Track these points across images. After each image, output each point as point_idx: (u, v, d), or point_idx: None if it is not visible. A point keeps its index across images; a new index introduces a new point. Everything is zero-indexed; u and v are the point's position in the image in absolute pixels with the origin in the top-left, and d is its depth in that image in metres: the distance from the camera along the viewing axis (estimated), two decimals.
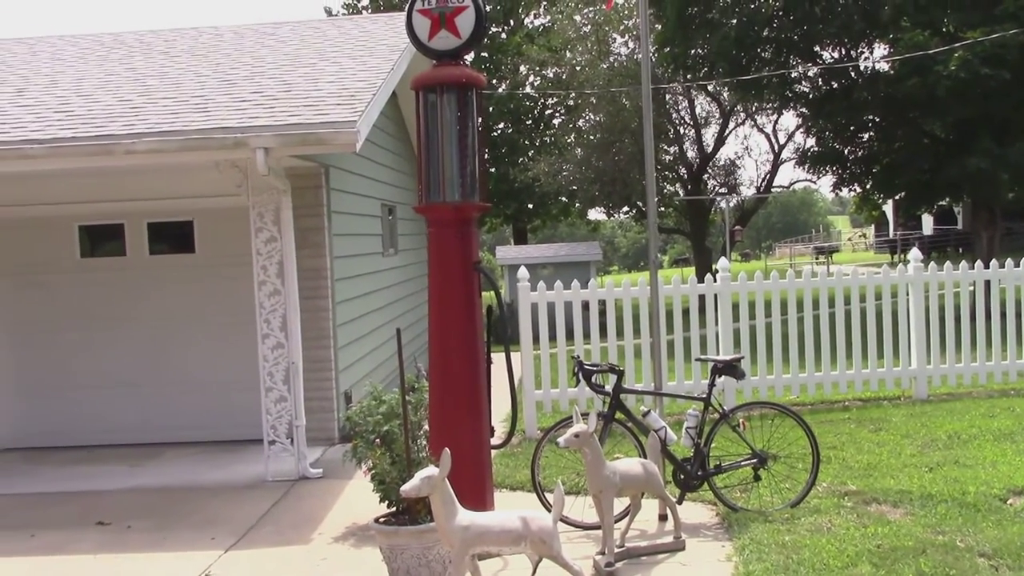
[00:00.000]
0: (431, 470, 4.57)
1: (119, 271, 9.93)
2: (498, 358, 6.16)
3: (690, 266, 37.95)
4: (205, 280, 9.81)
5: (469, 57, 6.61)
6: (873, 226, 63.89)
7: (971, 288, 10.38)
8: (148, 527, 7.02)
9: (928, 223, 50.49)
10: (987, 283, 10.46)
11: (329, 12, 36.22)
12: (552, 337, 9.74)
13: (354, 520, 6.85)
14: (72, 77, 9.91)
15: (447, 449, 4.60)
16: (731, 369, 6.48)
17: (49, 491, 8.25)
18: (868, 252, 61.57)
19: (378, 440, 5.86)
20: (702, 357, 7.61)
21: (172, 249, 9.92)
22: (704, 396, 6.48)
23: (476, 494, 5.45)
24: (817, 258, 52.99)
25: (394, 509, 5.61)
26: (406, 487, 4.56)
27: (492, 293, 6.95)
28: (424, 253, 16.02)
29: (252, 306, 8.79)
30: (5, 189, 9.33)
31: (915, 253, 10.38)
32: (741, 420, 6.53)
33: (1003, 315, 10.47)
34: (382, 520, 5.46)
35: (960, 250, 41.12)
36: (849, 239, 74.03)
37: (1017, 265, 10.28)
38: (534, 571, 4.87)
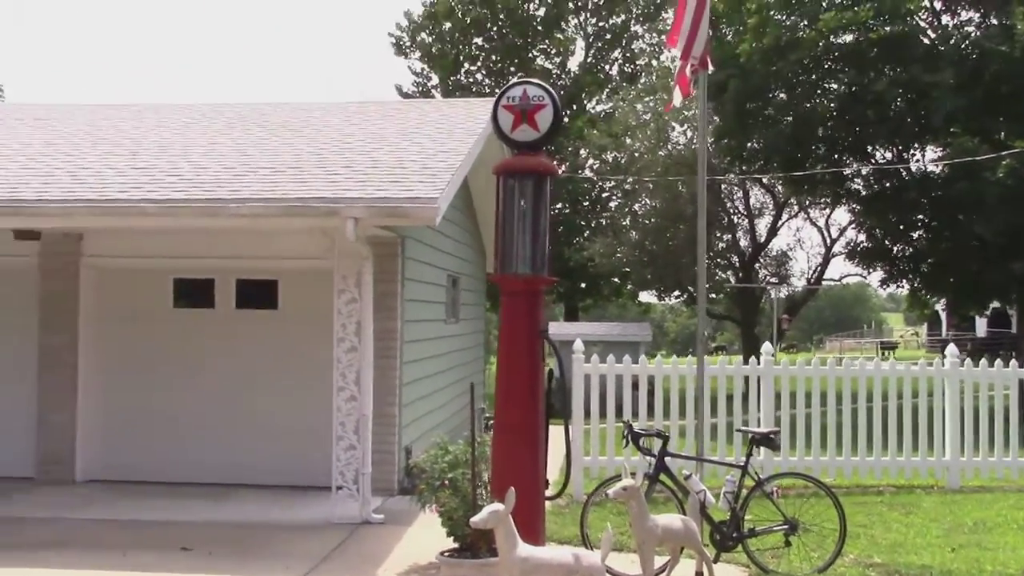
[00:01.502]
0: (497, 505, 5.25)
1: (207, 322, 10.80)
2: (555, 432, 6.85)
3: (731, 354, 38.30)
4: (285, 335, 10.63)
5: None
6: (926, 325, 63.74)
7: (1006, 389, 10.87)
8: (227, 554, 7.73)
9: (981, 325, 50.39)
10: (1021, 383, 10.94)
11: (400, 89, 37.76)
12: (602, 411, 10.36)
13: (415, 560, 7.49)
14: (179, 145, 10.91)
15: (512, 488, 5.28)
16: (767, 440, 7.10)
17: (135, 519, 9.00)
18: (920, 351, 61.31)
19: (445, 482, 6.54)
20: (741, 428, 8.22)
21: (257, 304, 10.77)
22: (742, 464, 7.09)
23: (531, 535, 6.09)
24: (882, 353, 52.98)
25: (457, 545, 6.28)
26: (475, 518, 5.23)
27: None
28: (478, 324, 16.86)
29: (325, 361, 9.61)
30: (115, 242, 10.31)
31: (952, 349, 10.93)
32: (775, 488, 7.13)
33: None
34: (446, 554, 6.12)
35: (1013, 353, 41.08)
36: (901, 336, 73.74)
37: None
38: None
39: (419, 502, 7.04)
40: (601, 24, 37.73)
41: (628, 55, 37.91)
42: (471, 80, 37.06)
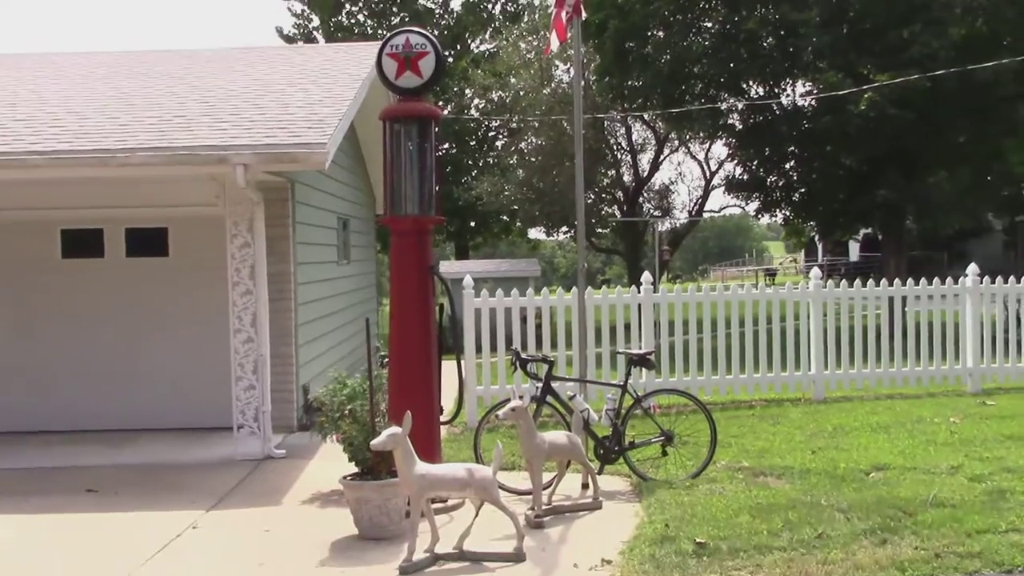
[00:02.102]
0: (395, 428, 5.67)
1: (97, 271, 10.84)
2: (448, 365, 7.29)
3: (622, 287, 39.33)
4: (177, 281, 10.76)
5: None
6: (803, 252, 66.34)
7: (878, 309, 11.78)
8: (134, 493, 7.98)
9: (855, 250, 52.77)
10: (891, 300, 11.84)
11: (280, 31, 37.11)
12: (493, 344, 10.84)
13: (317, 489, 7.87)
14: (59, 96, 10.82)
15: (408, 411, 5.71)
16: (644, 361, 7.69)
17: (36, 466, 9.13)
18: (798, 276, 63.85)
19: (345, 413, 6.93)
20: (620, 351, 8.78)
21: (148, 252, 10.85)
22: (621, 384, 7.66)
23: (429, 456, 6.55)
24: (766, 280, 54.97)
25: (358, 470, 6.69)
26: (375, 441, 5.65)
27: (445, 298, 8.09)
28: (370, 265, 17.12)
29: (219, 305, 9.85)
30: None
31: (815, 272, 11.75)
32: (652, 405, 7.73)
33: (902, 330, 11.84)
34: (348, 478, 6.53)
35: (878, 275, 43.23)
36: (780, 263, 76.54)
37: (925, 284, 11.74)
38: (476, 514, 5.97)
39: (320, 433, 7.40)
40: None
41: None
42: (353, 22, 36.64)
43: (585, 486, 7.55)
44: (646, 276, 11.32)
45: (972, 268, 12.14)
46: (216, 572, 5.88)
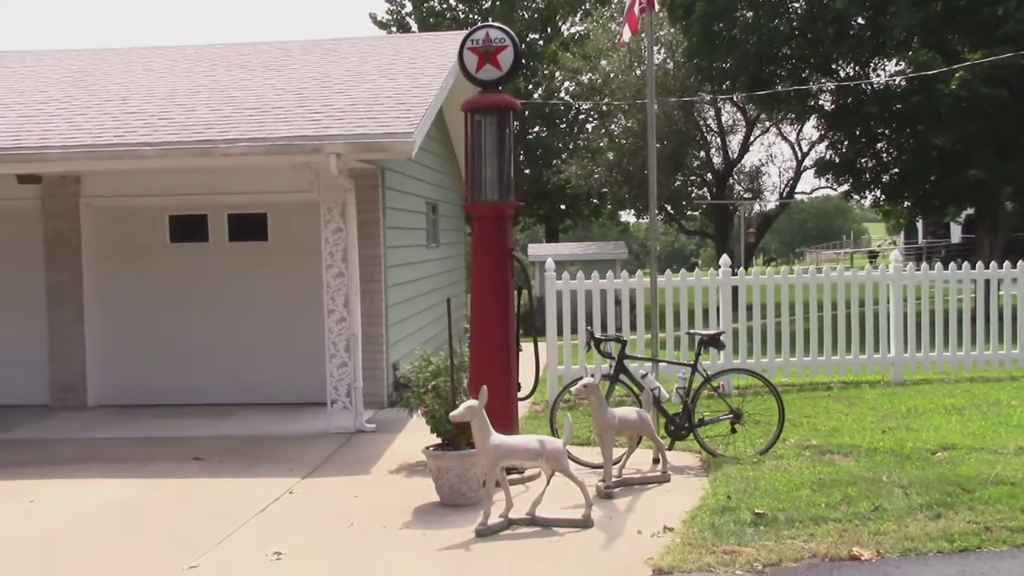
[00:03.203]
0: (472, 401, 6.11)
1: (202, 255, 11.55)
2: (527, 347, 7.69)
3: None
4: (275, 264, 11.41)
5: None
6: (903, 233, 64.86)
7: (973, 293, 11.79)
8: (236, 461, 8.61)
9: (956, 232, 51.44)
10: (985, 283, 11.83)
11: (374, 18, 37.86)
12: (574, 325, 11.20)
13: (404, 460, 8.39)
14: (166, 89, 11.53)
15: (484, 385, 6.14)
16: (714, 341, 7.99)
17: (148, 436, 9.88)
18: (904, 259, 62.40)
19: (428, 388, 7.40)
20: (691, 331, 9.08)
21: (248, 237, 11.51)
22: (691, 363, 7.98)
23: (507, 428, 6.98)
24: (871, 261, 54.14)
25: (440, 441, 7.16)
26: (454, 413, 6.11)
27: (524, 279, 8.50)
28: (459, 248, 17.67)
29: (314, 287, 10.45)
30: (112, 183, 11.02)
31: (895, 255, 11.81)
32: (721, 383, 8.03)
33: (985, 314, 11.84)
34: (431, 448, 7.01)
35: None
36: (879, 245, 74.96)
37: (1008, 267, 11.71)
38: (547, 482, 6.39)
39: (406, 407, 7.90)
40: None
41: None
42: (444, 6, 37.18)
43: (656, 461, 7.89)
44: (724, 259, 11.54)
45: None
46: (310, 531, 6.42)
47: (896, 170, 21.76)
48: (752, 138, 31.25)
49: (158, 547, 6.17)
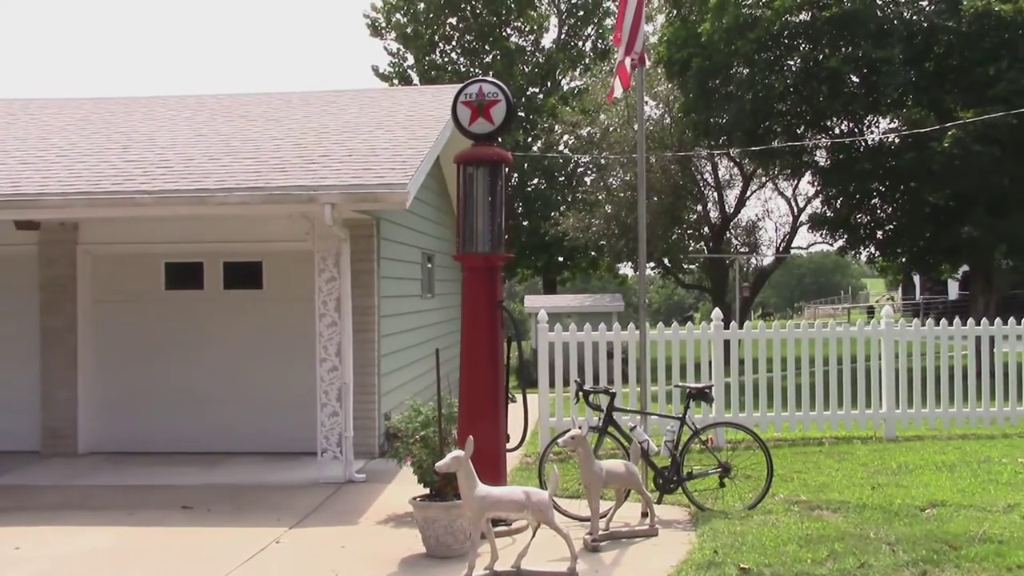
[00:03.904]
0: (459, 451, 6.13)
1: (197, 302, 11.60)
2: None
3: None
4: (270, 312, 11.45)
5: None
6: (900, 289, 65.03)
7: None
8: (224, 511, 8.58)
9: (954, 288, 51.62)
10: (977, 340, 11.86)
11: (376, 70, 38.29)
12: (566, 376, 11.20)
13: (392, 511, 8.36)
14: (167, 137, 11.67)
15: (471, 436, 6.16)
16: (702, 394, 8.01)
17: (137, 484, 9.84)
18: (896, 315, 62.60)
19: (417, 438, 7.41)
20: (680, 384, 9.10)
21: (243, 285, 11.57)
22: (680, 416, 7.99)
23: (494, 479, 6.98)
24: (870, 317, 54.26)
25: (427, 491, 7.15)
26: (439, 463, 6.12)
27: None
28: (455, 299, 17.75)
29: (307, 336, 10.48)
30: (110, 230, 11.12)
31: (887, 310, 11.87)
32: (709, 437, 8.04)
33: (978, 372, 11.86)
34: (418, 499, 7.00)
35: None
36: (877, 301, 75.12)
37: (1000, 324, 11.77)
38: (533, 534, 6.38)
39: (394, 457, 7.91)
40: (574, 0, 38.33)
41: (600, 31, 38.55)
42: (446, 60, 37.66)
43: (644, 514, 7.87)
44: (716, 313, 11.59)
45: None
46: None
47: (890, 226, 21.93)
48: (749, 193, 31.46)
49: None
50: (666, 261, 32.33)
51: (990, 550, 6.36)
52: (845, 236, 22.54)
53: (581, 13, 38.33)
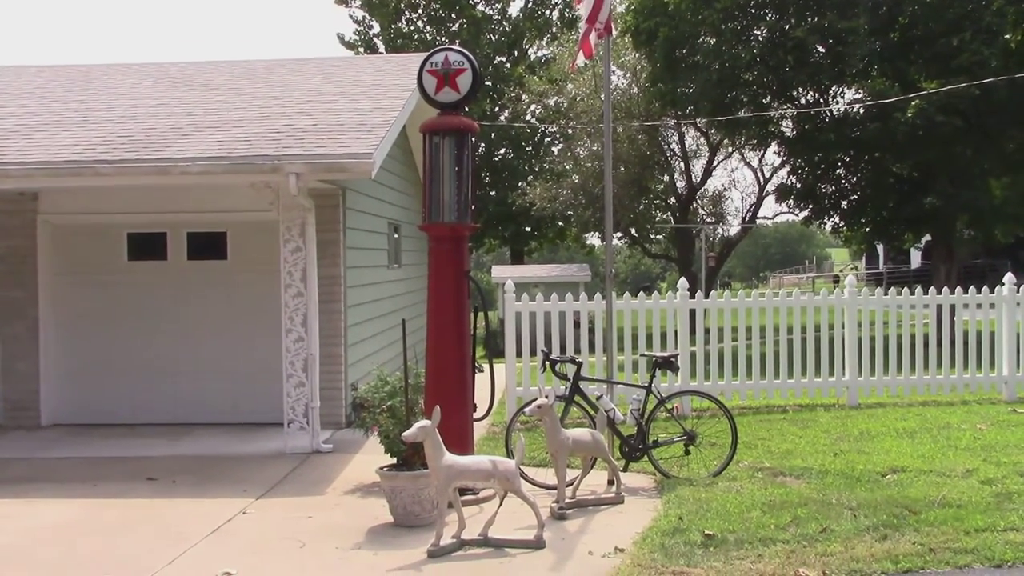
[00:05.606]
0: (425, 421, 6.13)
1: (160, 273, 11.49)
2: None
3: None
4: (235, 283, 11.37)
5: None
6: (864, 259, 65.72)
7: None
8: (190, 482, 8.55)
9: (916, 258, 52.22)
10: (938, 309, 12.02)
11: (342, 38, 37.90)
12: (533, 346, 11.24)
13: (359, 481, 8.37)
14: (127, 106, 11.50)
15: (438, 406, 6.16)
16: (668, 363, 8.06)
17: (101, 455, 9.77)
18: (859, 284, 63.22)
19: (384, 408, 7.41)
20: (645, 353, 9.14)
21: (207, 255, 11.47)
22: (646, 385, 8.04)
23: (462, 449, 7.00)
24: (836, 286, 54.76)
25: (394, 461, 7.16)
26: (406, 433, 6.12)
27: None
28: (422, 269, 17.68)
29: (273, 306, 10.42)
30: (70, 200, 10.95)
31: (850, 280, 11.99)
32: (675, 405, 8.10)
33: (938, 340, 12.02)
34: (385, 468, 7.01)
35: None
36: (841, 271, 75.86)
37: (960, 293, 11.90)
38: (500, 503, 6.41)
39: (361, 427, 7.90)
40: None
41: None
42: (412, 28, 37.31)
43: (611, 482, 7.93)
44: (682, 282, 11.65)
45: (1008, 278, 12.26)
46: (262, 551, 6.39)
47: (855, 196, 22.10)
48: (715, 163, 31.58)
49: (107, 568, 6.12)
50: (633, 231, 32.42)
51: (949, 514, 6.48)
52: (810, 206, 22.70)
53: None
